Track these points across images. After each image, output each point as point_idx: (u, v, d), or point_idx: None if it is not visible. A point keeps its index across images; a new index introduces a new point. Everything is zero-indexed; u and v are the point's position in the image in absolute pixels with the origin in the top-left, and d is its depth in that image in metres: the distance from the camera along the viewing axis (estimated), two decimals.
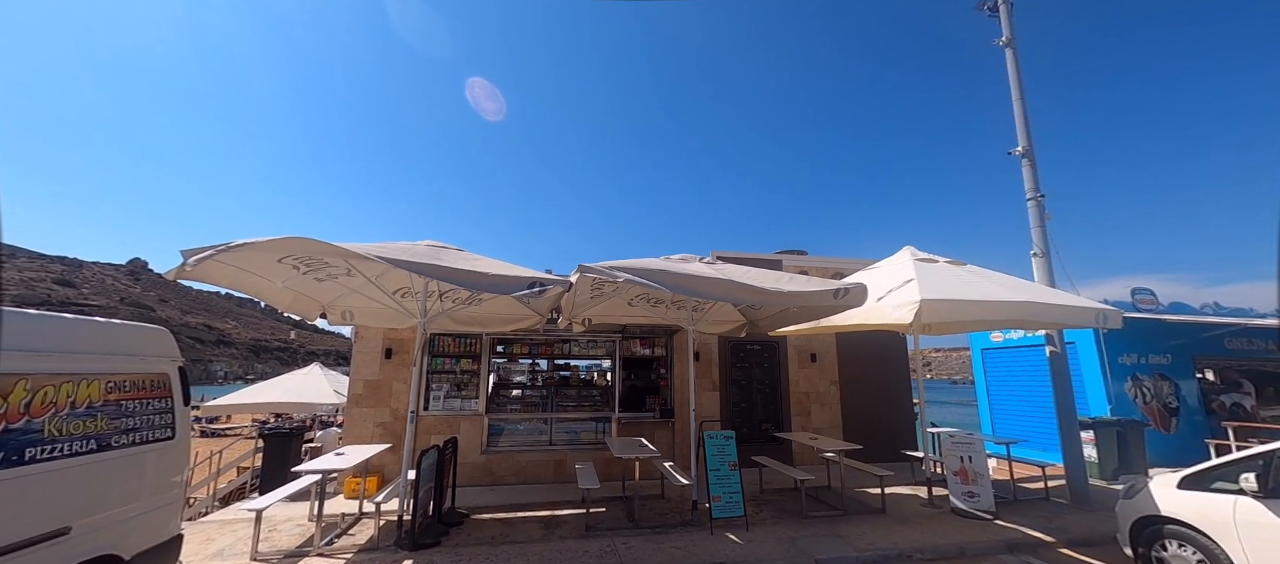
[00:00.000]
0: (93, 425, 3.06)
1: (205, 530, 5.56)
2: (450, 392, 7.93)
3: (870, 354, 9.37)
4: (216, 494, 8.01)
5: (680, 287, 4.63)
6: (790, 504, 6.49)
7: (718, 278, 4.81)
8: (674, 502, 6.64)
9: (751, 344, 9.04)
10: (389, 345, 7.80)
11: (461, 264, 4.49)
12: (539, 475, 7.82)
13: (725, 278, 4.87)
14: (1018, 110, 7.59)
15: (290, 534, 5.46)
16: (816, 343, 9.26)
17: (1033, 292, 5.97)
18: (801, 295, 4.99)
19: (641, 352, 8.68)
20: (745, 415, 8.84)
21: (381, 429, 7.57)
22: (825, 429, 8.96)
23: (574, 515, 6.04)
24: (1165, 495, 4.14)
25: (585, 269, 4.36)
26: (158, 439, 3.52)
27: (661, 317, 7.53)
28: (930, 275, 5.80)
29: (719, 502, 5.53)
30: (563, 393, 8.50)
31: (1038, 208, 7.24)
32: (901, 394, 9.49)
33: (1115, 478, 7.89)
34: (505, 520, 5.92)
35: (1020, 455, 7.98)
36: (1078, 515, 6.10)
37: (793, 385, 9.05)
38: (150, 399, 3.51)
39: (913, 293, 5.29)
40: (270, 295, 5.45)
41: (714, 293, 4.84)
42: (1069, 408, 6.74)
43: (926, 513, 6.14)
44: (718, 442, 5.80)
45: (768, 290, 4.76)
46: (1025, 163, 7.40)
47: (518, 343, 8.45)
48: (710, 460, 5.70)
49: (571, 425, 8.26)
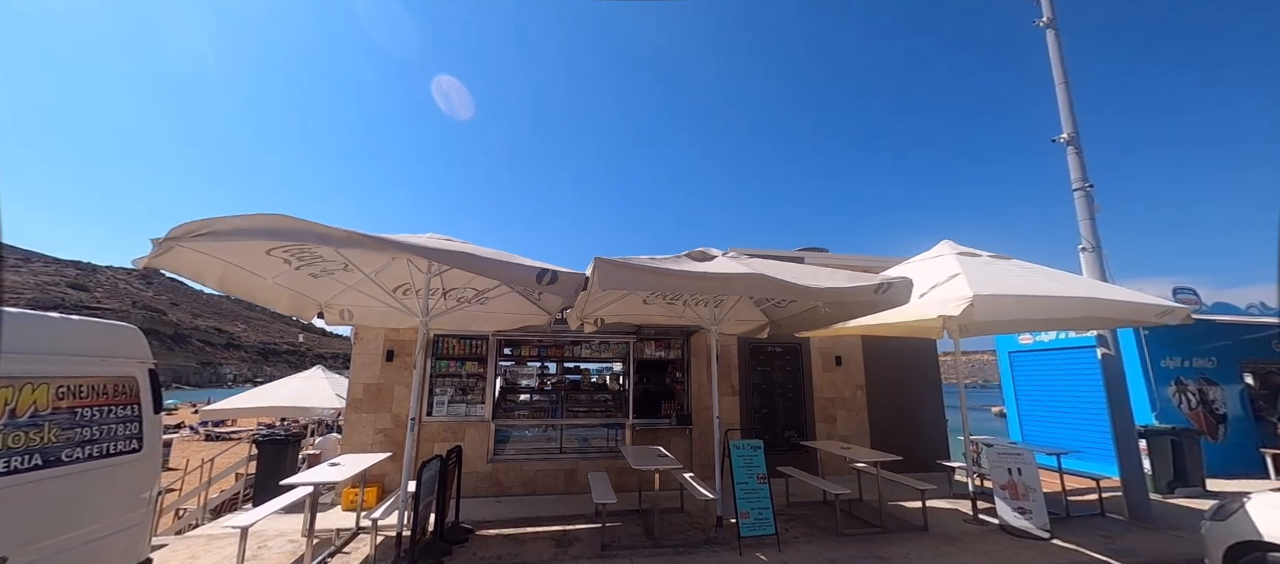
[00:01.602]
0: (37, 437, 2.63)
1: (190, 546, 5.15)
2: (455, 396, 7.49)
3: (898, 357, 8.85)
4: (207, 505, 7.64)
5: (706, 283, 4.17)
6: (822, 520, 5.98)
7: (746, 273, 4.35)
8: (694, 516, 6.16)
9: (773, 346, 8.55)
10: (390, 347, 7.38)
11: (468, 250, 4.05)
12: (548, 486, 7.36)
13: (754, 273, 4.40)
14: (1062, 95, 7.06)
15: (281, 552, 5.03)
16: (841, 345, 8.75)
17: (1091, 287, 5.44)
18: (839, 291, 4.51)
19: (656, 354, 8.21)
20: (767, 422, 8.34)
21: (382, 436, 7.15)
22: (851, 437, 8.44)
23: (587, 531, 5.57)
24: (1271, 518, 3.60)
25: (602, 261, 3.91)
26: (121, 452, 3.09)
27: (678, 316, 7.05)
28: (977, 270, 5.29)
29: (747, 518, 5.03)
30: (573, 397, 8.04)
31: (1086, 198, 6.70)
32: (931, 400, 8.94)
33: (1171, 491, 7.30)
34: (513, 537, 5.46)
35: (1069, 467, 7.41)
36: (1143, 534, 5.53)
37: (816, 390, 8.54)
38: (113, 406, 3.09)
39: (961, 287, 4.78)
40: (262, 294, 5.03)
41: (743, 289, 4.38)
42: (1125, 415, 6.18)
43: (973, 530, 5.61)
44: (745, 452, 5.31)
45: (804, 286, 4.29)
46: (1071, 151, 6.87)
47: (526, 344, 8.01)
48: (737, 473, 5.21)
49: (582, 432, 7.79)
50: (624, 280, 3.94)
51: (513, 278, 4.19)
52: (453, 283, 5.61)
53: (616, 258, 3.95)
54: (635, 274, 3.95)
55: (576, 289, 4.04)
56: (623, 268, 3.91)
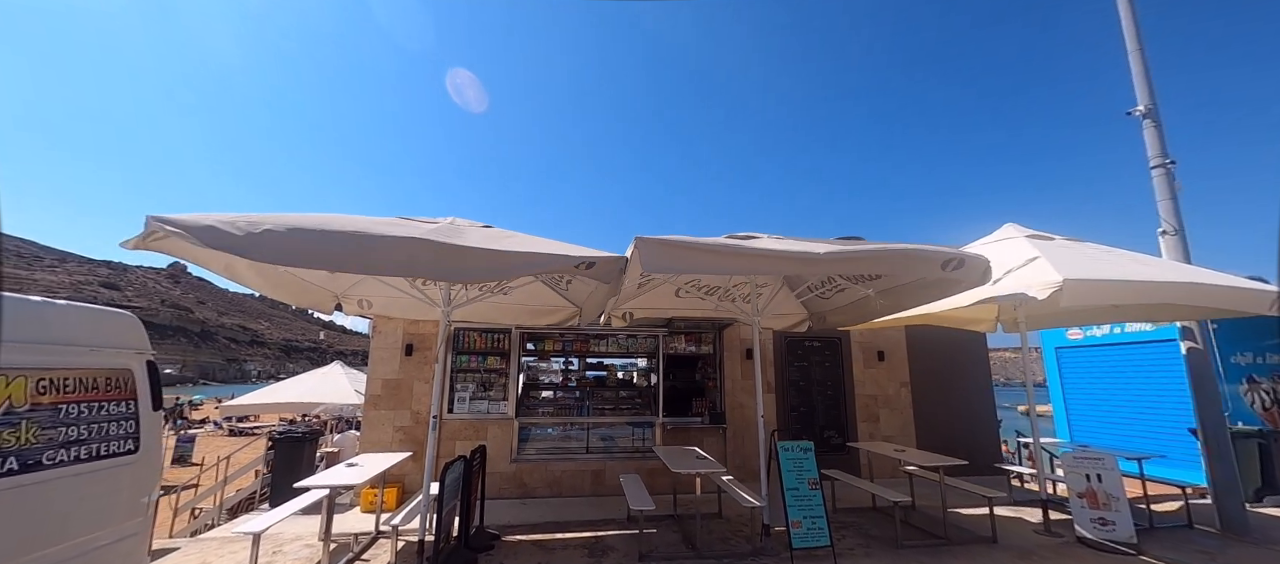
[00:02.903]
0: (11, 438, 2.29)
1: (202, 551, 4.86)
2: (476, 392, 7.14)
3: (944, 351, 8.26)
4: (224, 505, 7.43)
5: (768, 264, 3.69)
6: (874, 528, 5.48)
7: (806, 252, 3.84)
8: (734, 522, 5.70)
9: (811, 340, 8.03)
10: (410, 341, 7.06)
11: (490, 244, 3.64)
12: (575, 487, 6.97)
13: (813, 251, 3.88)
14: (1136, 64, 6.39)
15: (296, 558, 4.71)
16: (883, 339, 8.19)
17: (1191, 272, 4.83)
18: (909, 257, 3.96)
19: (686, 349, 7.75)
20: (805, 421, 7.83)
21: (402, 434, 6.83)
22: (895, 437, 7.89)
23: (621, 539, 5.15)
24: None
25: (644, 241, 3.47)
26: (114, 454, 2.75)
27: (712, 309, 6.58)
28: (1057, 253, 4.73)
29: (799, 528, 4.56)
30: (599, 395, 7.64)
31: (1166, 177, 6.04)
32: (980, 398, 8.33)
33: (1259, 499, 6.63)
34: (542, 544, 5.07)
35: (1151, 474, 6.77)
36: (1242, 549, 4.93)
37: (857, 387, 8.00)
38: (104, 402, 2.75)
39: (1045, 271, 4.24)
40: (274, 283, 4.72)
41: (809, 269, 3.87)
42: (1216, 415, 5.56)
43: (1048, 543, 5.05)
44: (794, 455, 4.83)
45: (881, 250, 3.80)
46: (1148, 125, 6.21)
47: (550, 339, 7.62)
48: (786, 477, 4.73)
49: (608, 431, 7.38)
50: (671, 260, 3.49)
51: (545, 269, 3.79)
52: None
53: (660, 237, 3.50)
54: (684, 253, 3.49)
55: (618, 273, 3.61)
56: (670, 247, 3.45)
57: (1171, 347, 8.95)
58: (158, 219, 2.91)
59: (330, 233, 3.23)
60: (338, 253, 3.15)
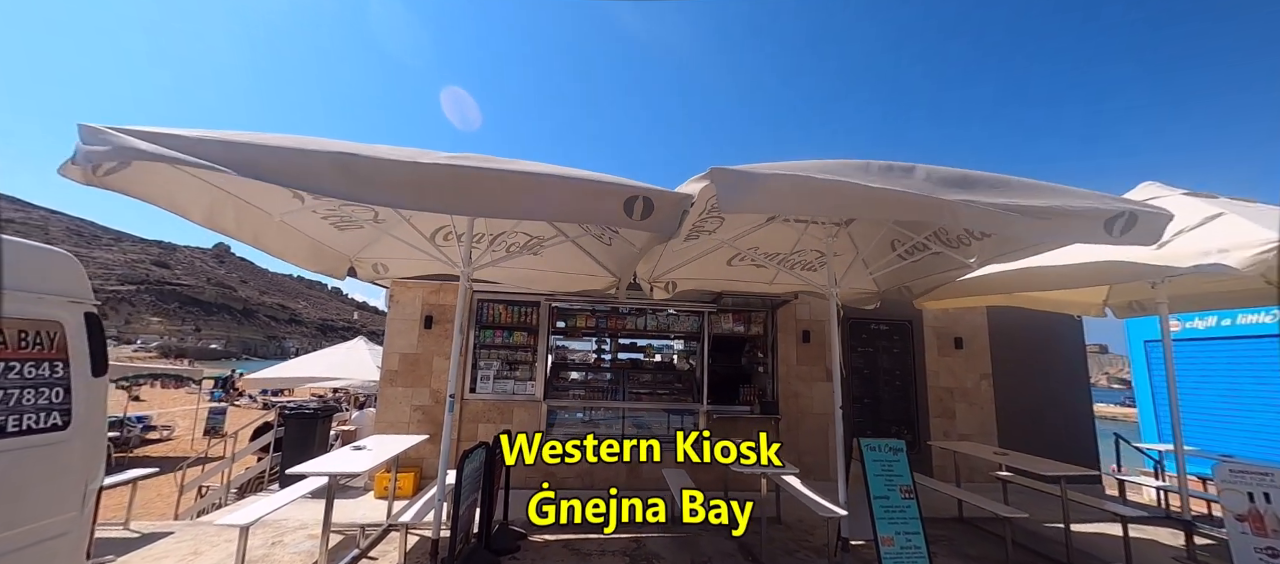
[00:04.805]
0: None
1: (196, 538, 4.32)
2: (501, 371, 6.46)
3: (1033, 338, 7.16)
4: (231, 483, 7.03)
5: (889, 207, 2.72)
6: (970, 546, 4.57)
7: (938, 199, 2.84)
8: (796, 530, 4.88)
9: (877, 323, 7.05)
10: (429, 312, 6.41)
11: (514, 168, 2.83)
12: (608, 480, 6.24)
13: (944, 199, 2.89)
14: None
15: (297, 550, 4.13)
16: (961, 324, 7.15)
17: None
18: (1063, 216, 2.94)
19: (733, 328, 6.88)
20: (869, 414, 6.89)
21: (420, 414, 6.22)
22: (973, 435, 6.88)
23: (664, 543, 4.41)
24: None
25: (721, 172, 2.62)
26: (32, 429, 2.10)
27: (769, 281, 5.68)
28: (1245, 213, 3.65)
29: (891, 546, 3.70)
30: (635, 377, 6.87)
31: None
32: (1075, 396, 7.21)
33: None
34: (573, 546, 4.37)
35: None
36: None
37: (930, 378, 7.00)
38: (22, 362, 2.09)
39: (1245, 232, 3.20)
40: (272, 238, 4.04)
41: (942, 217, 2.87)
42: None
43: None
44: (883, 456, 3.96)
45: (1031, 205, 2.79)
46: None
47: (582, 314, 6.86)
48: (872, 483, 3.87)
49: (644, 417, 6.62)
50: (761, 198, 2.61)
51: (586, 209, 2.96)
52: (500, 227, 4.47)
53: (741, 167, 2.63)
54: (783, 188, 2.59)
55: (679, 215, 2.78)
56: (760, 179, 2.57)
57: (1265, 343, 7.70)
58: (93, 130, 2.21)
59: (318, 152, 2.50)
60: (326, 170, 2.40)
